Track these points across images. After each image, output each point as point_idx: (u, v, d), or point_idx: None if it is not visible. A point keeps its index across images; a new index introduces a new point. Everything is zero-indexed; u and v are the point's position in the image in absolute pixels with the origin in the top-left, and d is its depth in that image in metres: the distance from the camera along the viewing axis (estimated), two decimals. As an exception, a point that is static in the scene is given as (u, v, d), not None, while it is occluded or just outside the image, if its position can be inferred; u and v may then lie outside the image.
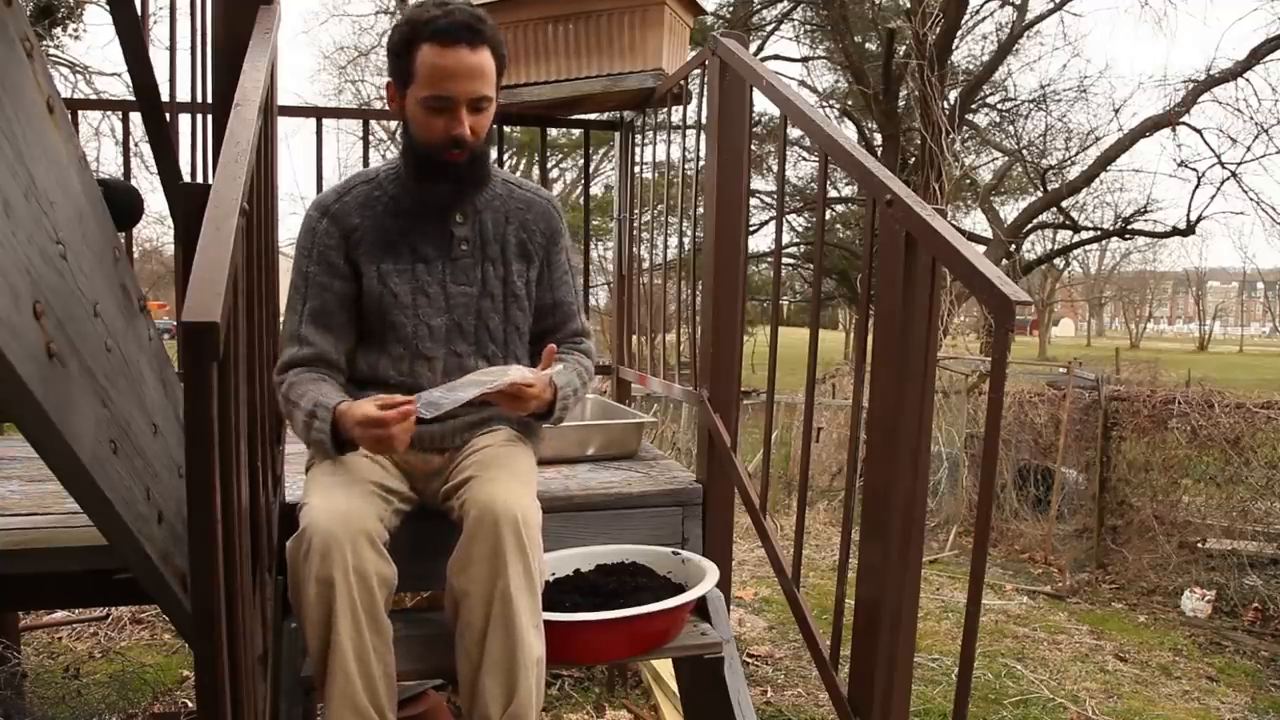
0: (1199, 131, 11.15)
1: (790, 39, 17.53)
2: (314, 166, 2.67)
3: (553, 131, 3.23)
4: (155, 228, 11.02)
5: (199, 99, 1.96)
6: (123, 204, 1.36)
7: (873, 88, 11.73)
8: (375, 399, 1.47)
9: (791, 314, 21.68)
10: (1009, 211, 14.53)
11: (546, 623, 1.50)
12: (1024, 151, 13.11)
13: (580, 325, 1.83)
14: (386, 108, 1.76)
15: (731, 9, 12.64)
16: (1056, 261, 20.94)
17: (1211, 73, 10.78)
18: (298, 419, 1.52)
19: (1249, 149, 10.87)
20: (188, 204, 1.44)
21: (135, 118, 2.40)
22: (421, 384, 1.65)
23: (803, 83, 14.40)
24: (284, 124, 2.85)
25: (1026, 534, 5.38)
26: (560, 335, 1.79)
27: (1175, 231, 12.29)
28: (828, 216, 3.10)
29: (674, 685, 2.54)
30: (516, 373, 1.51)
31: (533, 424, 1.83)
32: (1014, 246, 12.26)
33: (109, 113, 6.08)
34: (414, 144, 1.60)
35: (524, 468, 1.61)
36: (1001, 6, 12.37)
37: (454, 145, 1.56)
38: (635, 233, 2.91)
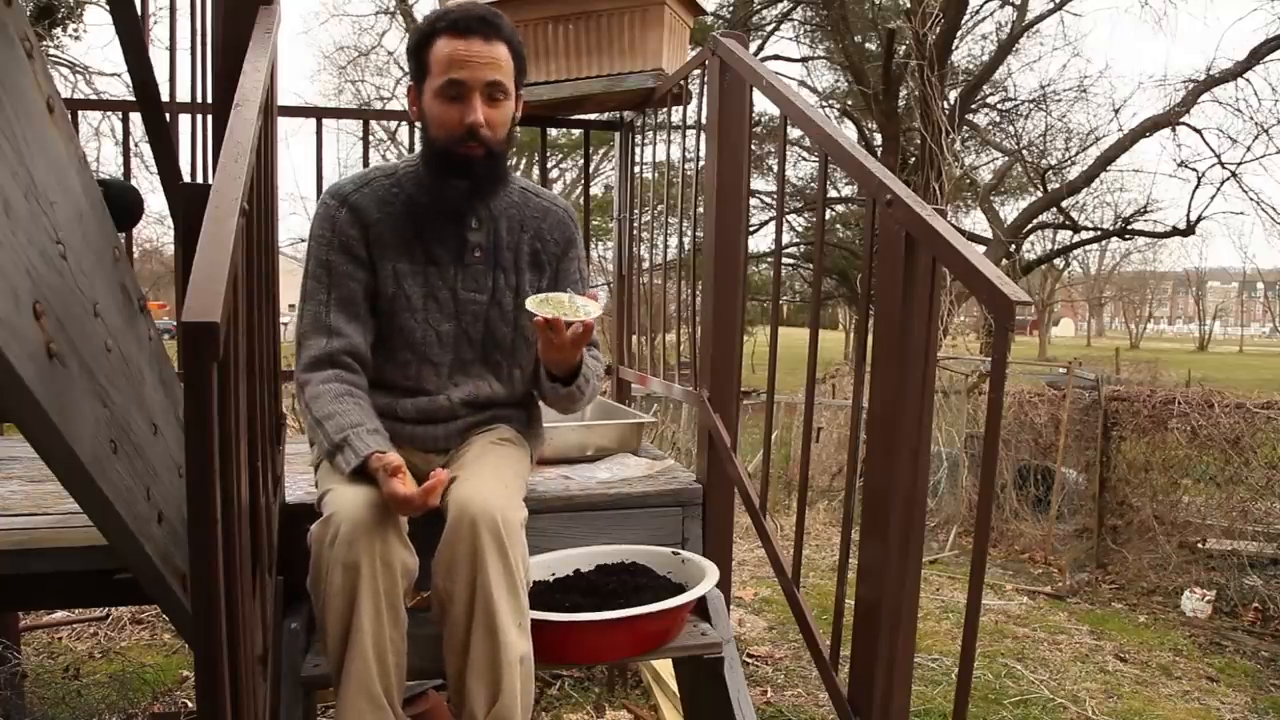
0: (1199, 131, 11.18)
1: (790, 39, 17.53)
2: (314, 166, 2.68)
3: (553, 131, 3.21)
4: (155, 228, 11.01)
5: (199, 99, 1.96)
6: (123, 204, 1.35)
7: (873, 88, 11.74)
8: (402, 475, 1.39)
9: (791, 314, 21.70)
10: (1009, 211, 14.57)
11: (547, 623, 1.50)
12: (1024, 151, 13.12)
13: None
14: (388, 107, 1.75)
15: (731, 9, 12.64)
16: (1056, 261, 20.98)
17: (1211, 73, 10.80)
18: (322, 441, 1.48)
19: (1249, 149, 10.89)
20: (188, 204, 1.45)
21: (135, 118, 2.40)
22: (427, 388, 1.64)
23: (803, 83, 14.42)
24: (284, 124, 2.85)
25: (1026, 534, 5.38)
26: None
27: (1175, 231, 12.31)
28: (828, 216, 3.10)
29: (674, 685, 2.54)
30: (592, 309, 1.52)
31: (534, 422, 1.82)
32: (1014, 246, 12.27)
33: (109, 113, 6.07)
34: (431, 139, 1.57)
35: (510, 466, 1.59)
36: (1001, 6, 12.40)
37: (470, 137, 1.53)
38: (635, 233, 2.91)
